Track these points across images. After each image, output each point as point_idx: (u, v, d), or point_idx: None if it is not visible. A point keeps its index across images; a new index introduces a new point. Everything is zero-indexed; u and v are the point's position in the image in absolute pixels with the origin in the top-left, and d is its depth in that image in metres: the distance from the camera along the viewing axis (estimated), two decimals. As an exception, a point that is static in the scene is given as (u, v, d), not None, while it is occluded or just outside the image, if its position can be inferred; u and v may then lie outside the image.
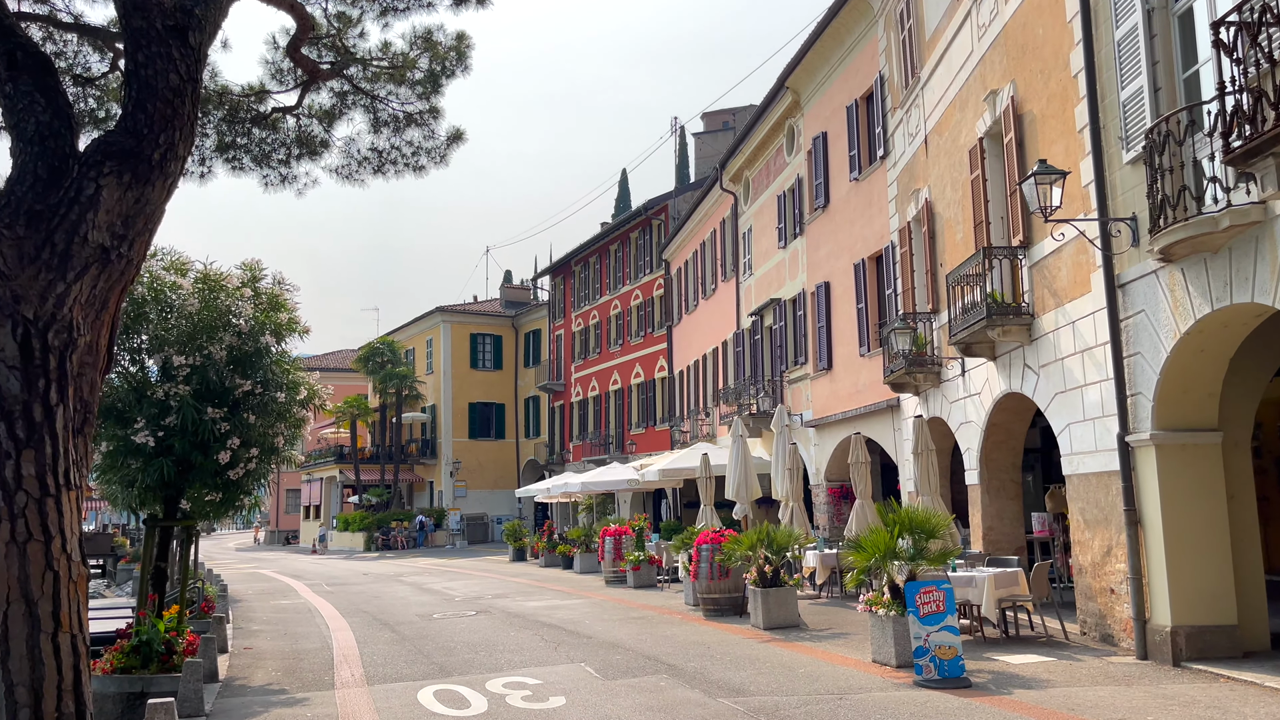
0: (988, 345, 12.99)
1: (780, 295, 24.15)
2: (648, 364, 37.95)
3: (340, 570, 31.32)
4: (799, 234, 23.00)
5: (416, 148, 11.62)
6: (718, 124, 49.59)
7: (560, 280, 46.95)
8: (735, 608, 14.63)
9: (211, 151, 11.32)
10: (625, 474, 27.65)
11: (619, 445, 39.36)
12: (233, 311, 12.15)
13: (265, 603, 20.81)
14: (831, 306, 21.11)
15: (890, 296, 18.18)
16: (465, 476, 49.23)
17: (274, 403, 12.35)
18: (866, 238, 19.39)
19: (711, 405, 30.33)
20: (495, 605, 18.06)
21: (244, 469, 12.15)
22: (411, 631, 14.72)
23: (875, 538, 9.58)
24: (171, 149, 5.77)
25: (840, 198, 20.73)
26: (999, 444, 13.81)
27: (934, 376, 15.60)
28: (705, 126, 50.06)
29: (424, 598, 20.38)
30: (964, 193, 14.23)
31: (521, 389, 50.66)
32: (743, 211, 27.61)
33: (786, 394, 23.77)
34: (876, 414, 18.74)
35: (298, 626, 16.24)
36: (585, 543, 25.95)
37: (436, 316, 50.32)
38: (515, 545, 33.07)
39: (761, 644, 11.73)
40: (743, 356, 27.15)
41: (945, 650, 8.65)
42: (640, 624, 14.29)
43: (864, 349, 19.37)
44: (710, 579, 14.56)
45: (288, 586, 25.03)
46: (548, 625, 14.59)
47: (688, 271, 33.81)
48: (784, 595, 12.99)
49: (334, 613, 18.05)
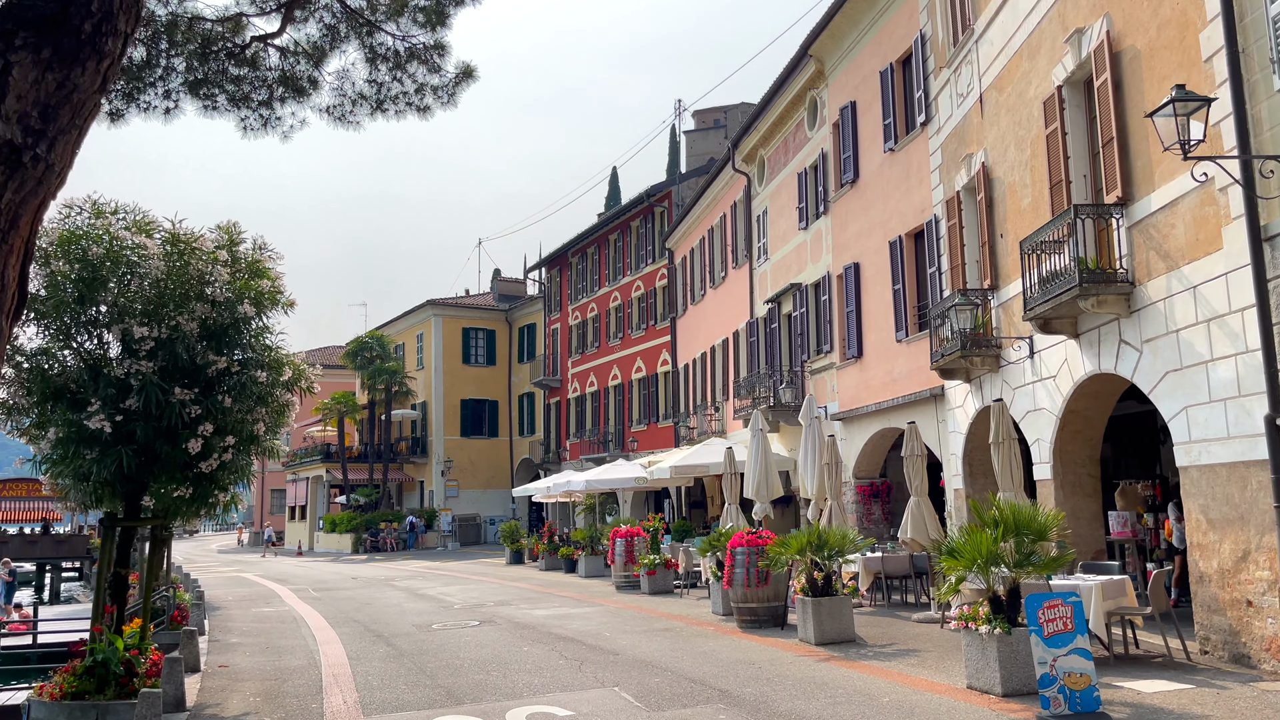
0: (1069, 321, 11.42)
1: (801, 280, 22.56)
2: (650, 358, 36.32)
3: (327, 574, 29.57)
4: (823, 213, 21.42)
5: (420, 84, 9.96)
6: (709, 122, 48.10)
7: (556, 272, 45.27)
8: (775, 619, 13.02)
9: (180, 86, 9.64)
10: (631, 471, 26.03)
11: (619, 443, 37.70)
12: (206, 278, 10.47)
13: (246, 610, 19.09)
14: (862, 289, 19.52)
15: (933, 275, 16.61)
16: (457, 476, 47.49)
17: (253, 383, 10.65)
18: (903, 213, 17.81)
19: (721, 399, 28.72)
20: (499, 614, 16.40)
21: (218, 460, 10.45)
22: (410, 645, 13.05)
23: (975, 541, 7.97)
24: (109, 19, 4.13)
25: (872, 171, 19.15)
26: (1075, 434, 12.24)
27: (992, 360, 14.02)
28: (696, 124, 48.52)
29: (419, 605, 18.70)
30: (1034, 151, 12.66)
31: (516, 385, 48.95)
32: (757, 193, 26.02)
33: (808, 385, 22.18)
34: (916, 404, 17.16)
35: (281, 638, 14.55)
36: (590, 545, 24.30)
37: (427, 310, 48.56)
38: (512, 547, 31.38)
39: (820, 663, 10.12)
40: (757, 347, 25.55)
41: (1076, 679, 7.06)
42: (670, 637, 12.66)
43: (901, 334, 17.79)
44: (747, 586, 12.94)
45: (271, 592, 23.29)
46: (564, 638, 12.95)
47: (693, 260, 32.20)
48: (837, 606, 11.38)
49: (322, 622, 16.36)
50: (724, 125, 45.25)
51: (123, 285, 10.26)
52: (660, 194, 36.17)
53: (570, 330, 43.22)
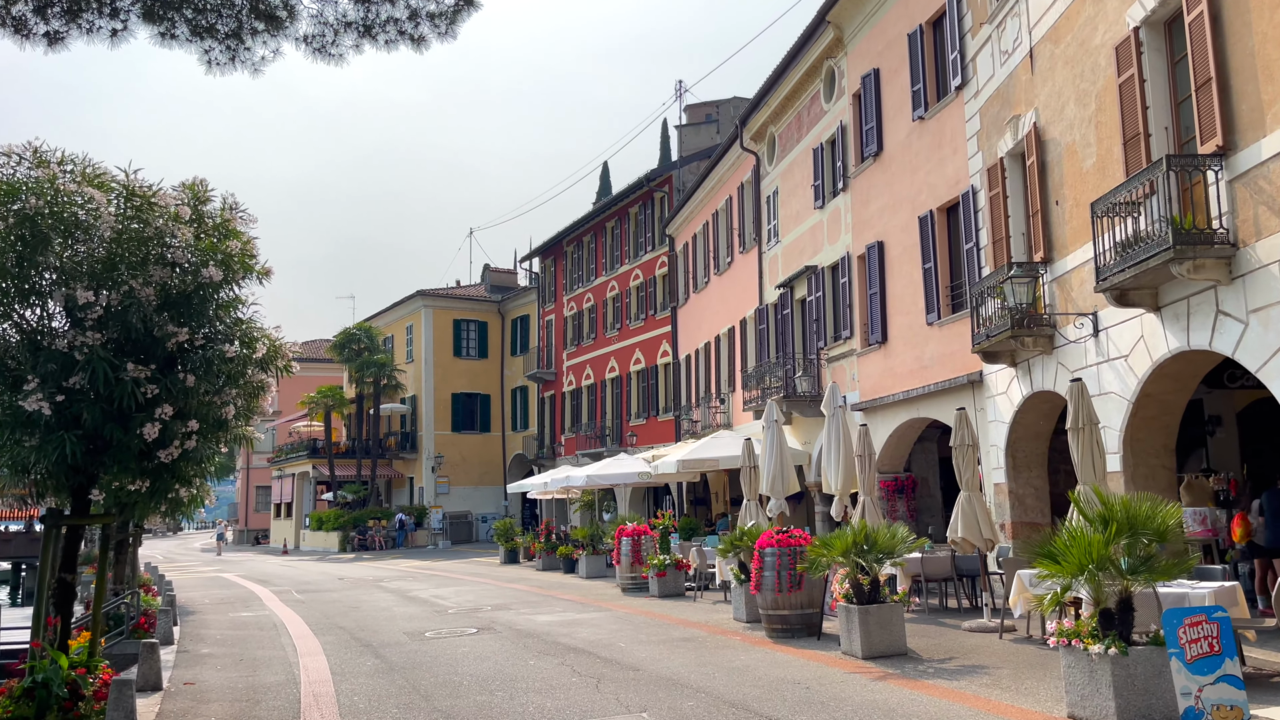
0: (1150, 292, 10.11)
1: (817, 262, 21.22)
2: (649, 349, 34.95)
3: (312, 574, 28.11)
4: (841, 190, 20.08)
5: (414, 10, 8.57)
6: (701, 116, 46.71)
7: (550, 262, 43.83)
8: (809, 627, 11.68)
9: (130, 6, 8.23)
10: (634, 466, 24.66)
11: (617, 438, 36.33)
12: (166, 237, 9.06)
13: (223, 615, 17.66)
14: (886, 270, 18.19)
15: (970, 252, 15.29)
16: (448, 472, 46.06)
17: (221, 360, 9.25)
18: (934, 185, 16.49)
19: (727, 391, 27.38)
20: (498, 620, 15.02)
21: (179, 449, 9.04)
22: (401, 657, 11.66)
23: (1081, 544, 6.64)
24: None
25: (898, 143, 17.82)
26: (1149, 421, 10.94)
27: (1045, 341, 12.70)
28: (688, 119, 47.16)
29: (411, 609, 17.31)
30: (1101, 105, 11.34)
31: (508, 378, 47.52)
32: (766, 173, 24.67)
33: (825, 374, 20.85)
34: (950, 392, 15.85)
35: (258, 648, 13.14)
36: (592, 543, 22.93)
37: (417, 301, 47.07)
38: (507, 546, 29.98)
39: (876, 683, 8.78)
40: (766, 335, 24.21)
41: (1226, 712, 5.74)
42: (693, 649, 11.31)
43: (932, 316, 16.47)
44: (778, 591, 11.60)
45: (251, 594, 21.85)
46: (574, 649, 11.57)
47: (696, 246, 30.83)
48: (887, 615, 10.05)
49: (303, 629, 14.96)
50: (716, 120, 43.98)
51: (69, 245, 8.85)
52: (660, 178, 34.80)
53: (566, 321, 41.82)
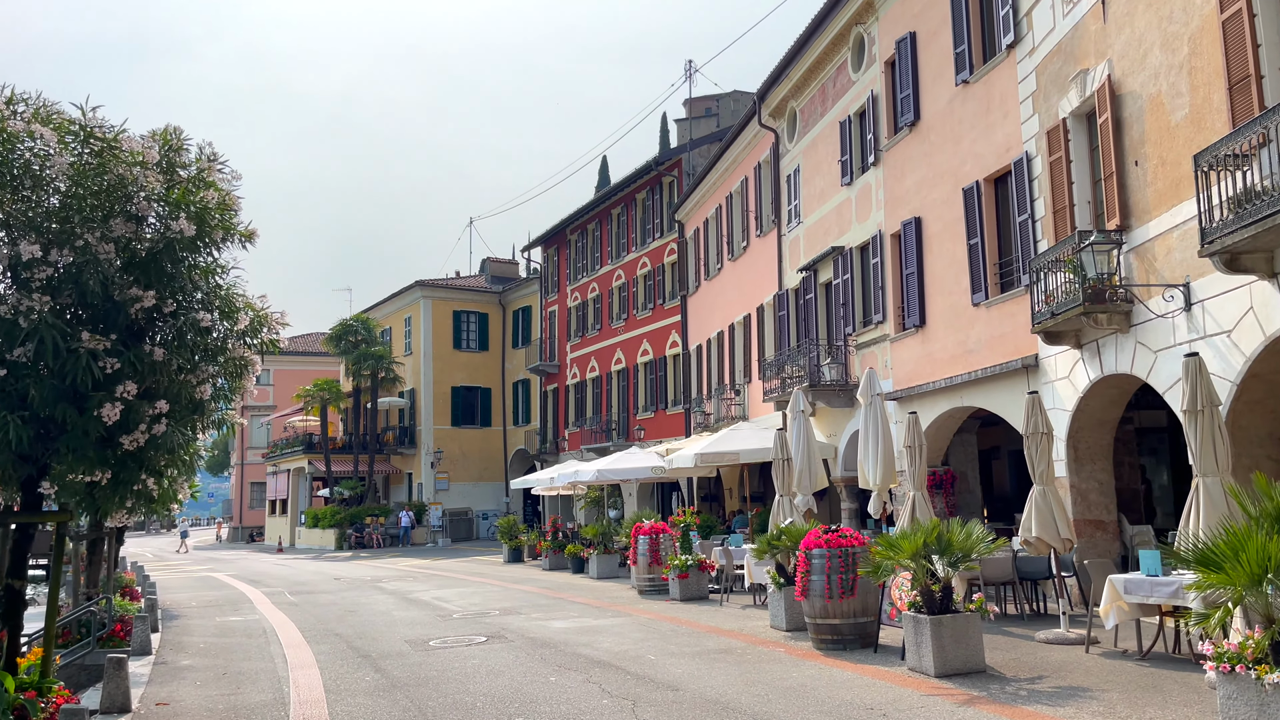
0: (1264, 256, 8.82)
1: (844, 243, 19.92)
2: (657, 340, 33.65)
3: (307, 574, 26.80)
4: (872, 165, 18.78)
5: None
6: (701, 110, 45.49)
7: (554, 251, 42.49)
8: (863, 638, 10.39)
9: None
10: (646, 460, 23.38)
11: (623, 431, 35.03)
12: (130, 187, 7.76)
13: (209, 620, 16.35)
14: (924, 247, 16.90)
15: (1023, 224, 13.99)
16: (447, 468, 44.73)
17: (195, 330, 7.95)
18: (981, 154, 15.19)
19: (743, 382, 26.08)
20: (509, 626, 13.73)
21: (146, 434, 7.74)
22: (403, 671, 10.37)
23: (1256, 548, 5.34)
24: None
25: (938, 110, 16.52)
26: (1254, 405, 9.67)
27: (1121, 317, 11.41)
28: (688, 113, 45.86)
29: (412, 613, 16.01)
30: (1196, 49, 10.05)
31: (510, 372, 46.19)
32: (786, 150, 23.35)
33: (853, 362, 19.56)
34: (1000, 379, 14.56)
35: (244, 659, 11.84)
36: (603, 542, 21.64)
37: (416, 291, 45.71)
38: (511, 544, 28.67)
39: (965, 708, 7.49)
40: (786, 322, 22.92)
41: None
42: (733, 662, 10.02)
43: (979, 296, 15.18)
44: (828, 598, 10.30)
45: (242, 596, 20.53)
46: (599, 663, 10.28)
47: (708, 231, 29.52)
48: (963, 627, 8.75)
49: (296, 636, 13.66)
50: (716, 114, 42.79)
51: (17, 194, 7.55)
52: (669, 162, 33.47)
53: (569, 312, 40.50)
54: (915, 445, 12.88)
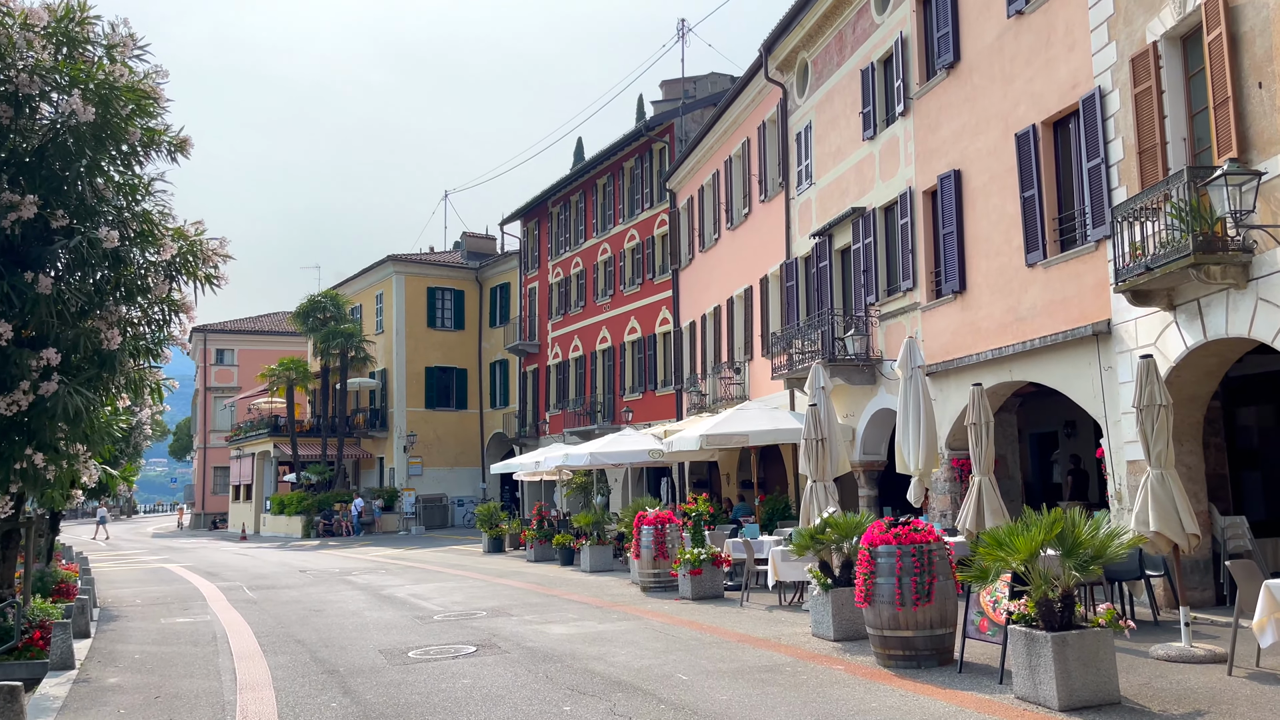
0: None
1: (865, 203, 18.06)
2: (646, 317, 31.72)
3: (270, 565, 24.70)
4: (901, 115, 16.91)
5: None
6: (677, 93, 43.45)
7: (534, 225, 40.39)
8: (939, 653, 8.55)
9: None
10: (642, 443, 21.46)
11: (609, 414, 33.12)
12: (9, 56, 5.75)
13: (152, 621, 14.29)
14: (965, 204, 15.08)
15: (1093, 170, 12.18)
16: (421, 452, 42.61)
17: (99, 256, 5.96)
18: (1040, 94, 13.36)
19: (743, 359, 24.23)
20: (500, 631, 11.79)
21: (28, 395, 5.79)
22: (378, 694, 8.43)
23: None
24: None
25: (983, 48, 14.67)
26: None
27: (1238, 270, 9.62)
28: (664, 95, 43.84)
29: (386, 613, 14.05)
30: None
31: (487, 351, 44.08)
32: (796, 106, 21.44)
33: (876, 335, 17.74)
34: (1061, 348, 12.79)
35: (185, 676, 9.83)
36: (597, 531, 19.72)
37: (388, 266, 43.44)
38: (491, 533, 26.70)
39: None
40: (795, 293, 21.06)
41: None
42: (787, 684, 8.15)
43: (1035, 255, 13.37)
44: (899, 605, 8.46)
45: (194, 592, 18.44)
46: (619, 685, 8.38)
47: (703, 199, 27.58)
48: (1093, 647, 6.93)
49: (250, 644, 11.65)
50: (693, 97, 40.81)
51: None
52: (660, 127, 31.49)
53: (550, 289, 38.47)
54: (981, 422, 11.07)
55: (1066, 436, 20.63)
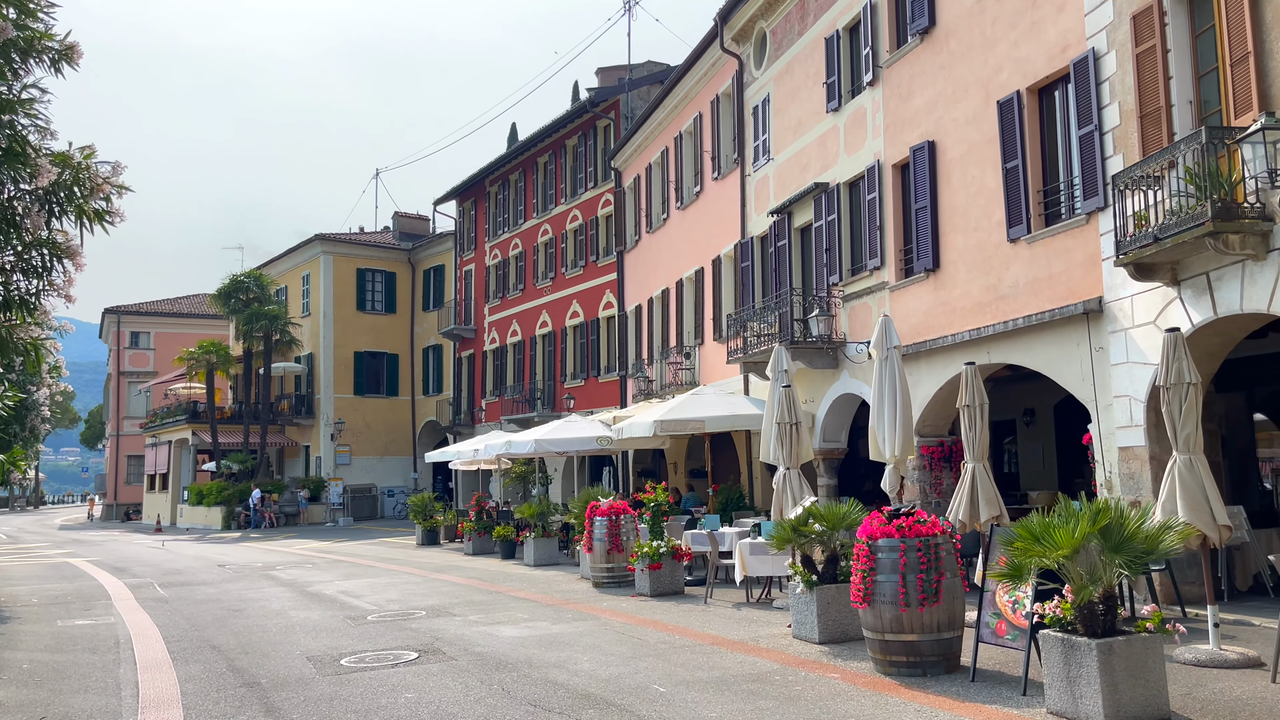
0: None
1: (829, 178, 17.20)
2: (589, 300, 30.59)
3: (186, 559, 23.04)
4: (869, 85, 16.05)
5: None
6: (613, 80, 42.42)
7: (470, 205, 38.91)
8: (945, 659, 7.65)
9: None
10: (590, 430, 20.39)
11: (549, 401, 31.93)
12: None
13: (48, 624, 12.78)
14: (939, 176, 14.27)
15: (1088, 138, 11.42)
16: (349, 440, 40.90)
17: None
18: (1025, 58, 12.58)
19: (693, 344, 23.27)
20: (444, 634, 10.63)
21: None
22: (305, 708, 7.24)
23: None
24: None
25: (962, 11, 13.86)
26: None
27: (1257, 240, 8.89)
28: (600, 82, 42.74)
29: (314, 613, 12.76)
30: None
31: (419, 336, 42.47)
32: (753, 79, 20.50)
33: (840, 317, 16.90)
34: (1047, 328, 12.05)
35: (78, 691, 8.48)
36: (541, 523, 18.58)
37: (316, 246, 41.54)
38: (425, 525, 25.36)
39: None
40: (751, 274, 20.14)
41: None
42: (780, 697, 7.16)
43: (1018, 230, 12.60)
44: (904, 606, 7.53)
45: (99, 589, 16.85)
46: (590, 700, 7.31)
47: (650, 178, 26.52)
48: (1141, 655, 6.07)
49: (158, 651, 10.30)
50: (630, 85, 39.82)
51: None
52: (605, 103, 30.32)
53: (488, 271, 37.07)
54: (975, 404, 10.22)
55: (1026, 425, 20.10)
